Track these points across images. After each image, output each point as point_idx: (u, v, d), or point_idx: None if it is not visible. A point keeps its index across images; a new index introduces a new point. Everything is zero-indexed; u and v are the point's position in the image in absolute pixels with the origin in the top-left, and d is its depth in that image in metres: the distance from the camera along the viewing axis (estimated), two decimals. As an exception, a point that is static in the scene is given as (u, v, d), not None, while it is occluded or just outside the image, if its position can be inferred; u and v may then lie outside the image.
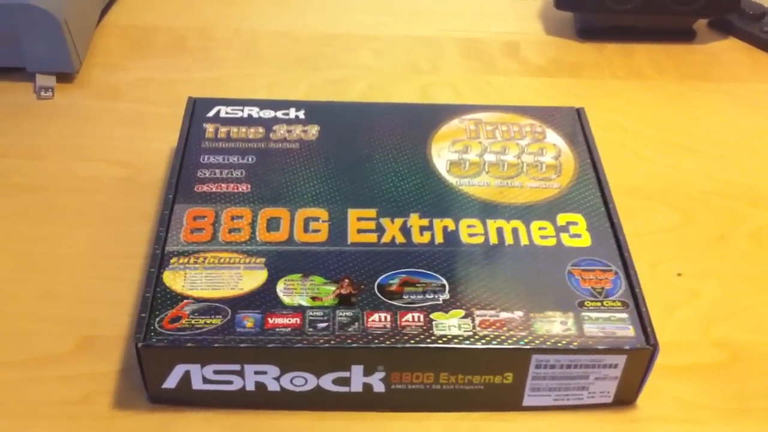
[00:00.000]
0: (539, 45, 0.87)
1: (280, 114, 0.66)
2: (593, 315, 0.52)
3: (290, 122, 0.66)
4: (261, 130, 0.65)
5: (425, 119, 0.67)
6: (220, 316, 0.51)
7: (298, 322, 0.51)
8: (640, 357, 0.51)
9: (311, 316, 0.51)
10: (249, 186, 0.60)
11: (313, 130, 0.65)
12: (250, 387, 0.51)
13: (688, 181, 0.72)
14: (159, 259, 0.54)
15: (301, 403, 0.52)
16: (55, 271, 0.60)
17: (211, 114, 0.66)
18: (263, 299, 0.52)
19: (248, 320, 0.51)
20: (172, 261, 0.54)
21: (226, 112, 0.66)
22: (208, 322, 0.51)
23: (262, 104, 0.67)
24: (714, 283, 0.63)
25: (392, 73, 0.82)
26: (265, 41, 0.85)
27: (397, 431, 0.52)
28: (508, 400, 0.53)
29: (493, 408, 0.53)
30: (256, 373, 0.51)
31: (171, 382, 0.51)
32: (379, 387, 0.52)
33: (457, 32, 0.88)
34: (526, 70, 0.83)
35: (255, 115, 0.66)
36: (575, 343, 0.50)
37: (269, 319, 0.51)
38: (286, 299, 0.52)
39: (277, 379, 0.51)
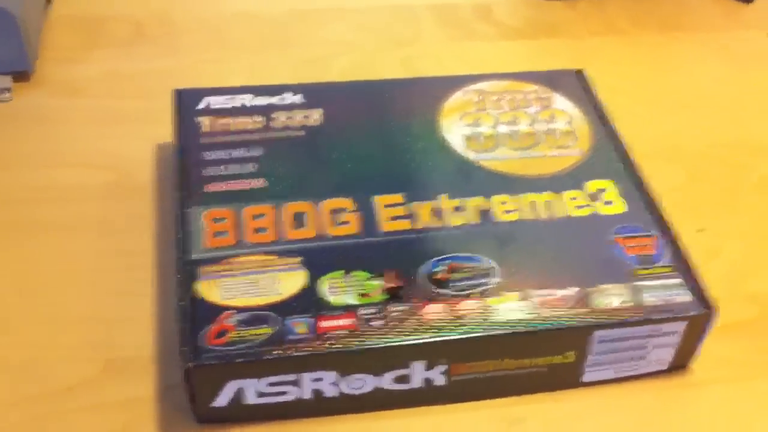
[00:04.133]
0: (511, 6, 0.85)
1: (275, 100, 0.62)
2: (648, 283, 0.51)
3: (289, 108, 0.61)
4: (260, 118, 0.60)
5: (427, 94, 0.64)
6: (268, 325, 0.47)
7: (352, 322, 0.48)
8: (699, 322, 0.51)
9: (364, 314, 0.48)
10: (264, 180, 0.56)
11: (316, 115, 0.61)
12: (307, 395, 0.48)
13: (687, 137, 0.72)
14: (187, 269, 0.50)
15: (359, 405, 0.49)
16: (59, 292, 0.55)
17: (201, 106, 0.61)
18: (309, 301, 0.49)
19: (299, 326, 0.47)
20: (202, 270, 0.50)
21: (218, 103, 0.61)
22: (257, 333, 0.47)
23: (255, 91, 0.63)
24: (733, 238, 0.63)
25: (372, 47, 0.78)
26: (230, 23, 0.79)
27: (458, 423, 0.50)
28: (568, 378, 0.52)
29: (553, 387, 0.52)
30: (314, 380, 0.47)
31: (222, 400, 0.47)
32: (440, 380, 0.49)
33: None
34: (504, 33, 0.81)
35: (249, 104, 0.62)
36: (638, 315, 0.50)
37: (321, 322, 0.48)
38: (334, 299, 0.49)
39: (336, 384, 0.48)
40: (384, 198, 0.55)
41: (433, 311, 0.49)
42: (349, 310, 0.48)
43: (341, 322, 0.48)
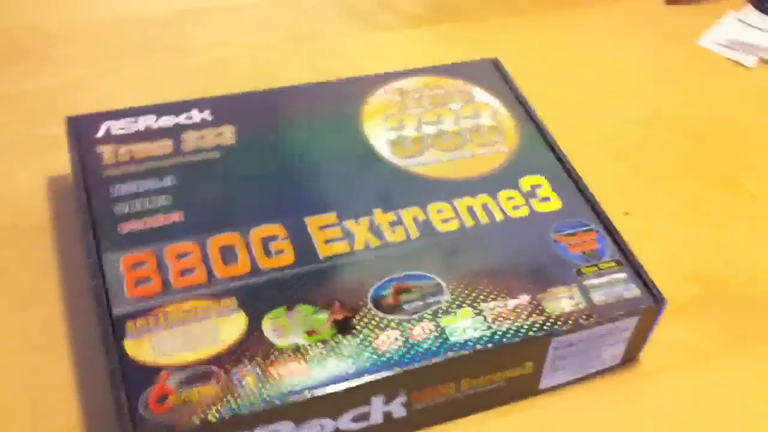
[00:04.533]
0: (407, -10, 0.82)
1: (182, 119, 0.57)
2: (595, 282, 0.50)
3: (198, 127, 0.57)
4: (168, 142, 0.55)
5: (345, 97, 0.60)
6: (213, 381, 0.43)
7: (303, 365, 0.45)
8: (650, 314, 0.50)
9: (311, 356, 0.45)
10: (181, 214, 0.51)
11: (228, 132, 0.57)
12: (266, 447, 0.45)
13: (602, 117, 0.71)
14: (111, 326, 0.45)
15: (318, 450, 0.46)
16: (-38, 363, 0.49)
17: (100, 133, 0.55)
18: (254, 348, 0.45)
19: (248, 377, 0.44)
20: (128, 326, 0.45)
21: (119, 128, 0.56)
22: (201, 391, 0.43)
23: (158, 110, 0.57)
24: (661, 218, 0.63)
25: (272, 46, 0.74)
26: (110, 30, 0.73)
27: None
28: (526, 388, 0.50)
29: (512, 399, 0.50)
30: (269, 433, 0.44)
31: (171, 469, 0.43)
32: (399, 412, 0.47)
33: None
34: (407, 21, 0.78)
35: (153, 126, 0.56)
36: (591, 317, 0.48)
37: (270, 370, 0.44)
38: (280, 342, 0.45)
39: (292, 433, 0.45)
40: (316, 219, 0.52)
41: (387, 340, 0.46)
42: (298, 351, 0.45)
43: (291, 367, 0.44)
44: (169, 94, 0.67)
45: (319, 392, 0.43)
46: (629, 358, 0.53)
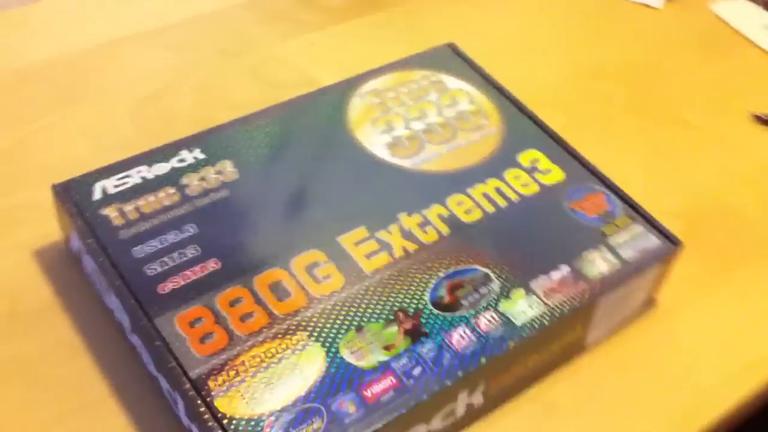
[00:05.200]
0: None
1: (176, 163, 0.55)
2: (619, 239, 0.53)
3: (195, 168, 0.55)
4: (171, 190, 0.54)
5: (324, 111, 0.60)
6: (318, 418, 0.44)
7: (394, 380, 0.45)
8: (670, 258, 0.54)
9: (400, 368, 0.46)
10: (216, 261, 0.50)
11: (228, 168, 0.55)
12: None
13: (552, 77, 0.74)
14: (194, 392, 0.44)
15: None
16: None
17: (97, 196, 0.53)
18: (342, 376, 0.45)
19: (347, 405, 0.44)
20: (210, 385, 0.44)
21: (114, 186, 0.53)
22: (314, 430, 0.43)
23: (146, 159, 0.55)
24: (630, 165, 0.67)
25: (208, 65, 0.72)
26: (35, 76, 0.69)
27: (498, 429, 0.50)
28: (575, 348, 0.53)
29: (564, 362, 0.53)
30: (378, 454, 0.45)
31: None
32: (479, 400, 0.49)
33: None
34: (331, 17, 0.78)
35: (149, 176, 0.54)
36: (627, 273, 0.52)
37: (365, 392, 0.45)
38: (363, 363, 0.46)
39: (397, 448, 0.46)
40: (349, 236, 0.52)
41: (460, 338, 0.48)
42: (383, 368, 0.46)
43: (384, 384, 0.45)
44: (113, 136, 0.64)
45: (416, 403, 0.44)
46: (650, 301, 0.57)
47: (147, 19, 0.76)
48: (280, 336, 0.47)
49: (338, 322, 0.48)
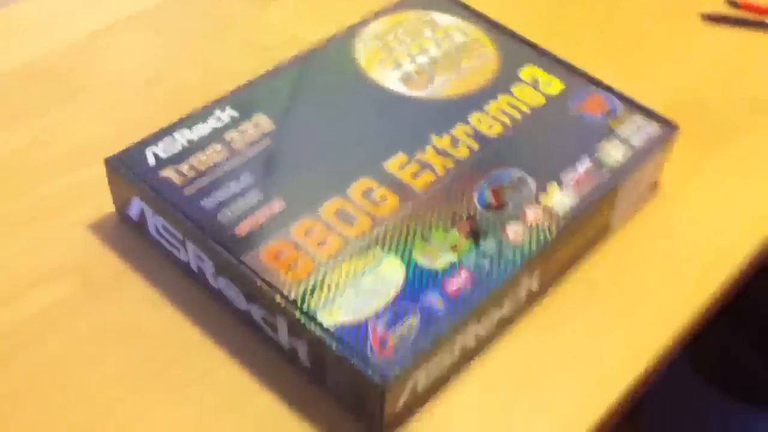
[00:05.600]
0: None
1: (213, 123, 0.59)
2: (626, 130, 0.60)
3: (234, 124, 0.59)
4: (218, 146, 0.57)
5: (333, 59, 0.64)
6: (412, 314, 0.49)
7: (468, 275, 0.51)
8: (672, 141, 0.61)
9: (471, 264, 0.51)
10: (281, 200, 0.54)
11: (263, 120, 0.59)
12: (471, 343, 0.51)
13: (522, 11, 0.80)
14: (298, 311, 0.49)
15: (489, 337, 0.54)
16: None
17: (151, 162, 0.56)
18: (422, 278, 0.50)
19: (435, 300, 0.49)
20: (310, 303, 0.49)
21: (163, 151, 0.57)
22: (409, 325, 0.48)
23: (185, 123, 0.59)
24: (605, 77, 0.74)
25: (198, 42, 0.75)
26: (32, 74, 0.71)
27: (551, 311, 0.56)
28: (603, 232, 0.60)
29: (595, 244, 0.60)
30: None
31: (405, 397, 0.48)
32: (535, 285, 0.55)
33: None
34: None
35: (194, 137, 0.58)
36: (641, 156, 0.58)
37: (447, 287, 0.50)
38: (438, 264, 0.51)
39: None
40: (392, 162, 0.57)
41: (515, 233, 0.53)
42: (457, 266, 0.51)
43: (461, 278, 0.51)
44: (142, 118, 0.67)
45: (491, 290, 0.50)
46: (655, 184, 0.64)
47: (127, 5, 0.79)
48: (356, 255, 0.52)
49: (404, 235, 0.53)
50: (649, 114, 0.61)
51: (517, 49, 0.66)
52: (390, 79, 0.63)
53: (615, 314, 0.57)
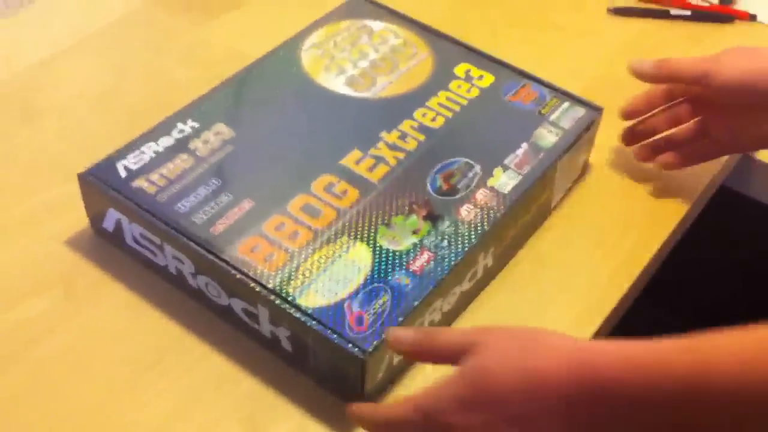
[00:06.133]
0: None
1: (176, 134, 0.62)
2: (555, 115, 0.66)
3: (196, 134, 0.62)
4: (184, 155, 0.61)
5: (282, 67, 0.69)
6: (383, 293, 0.53)
7: (430, 254, 0.56)
8: (596, 123, 0.67)
9: (431, 244, 0.56)
10: (250, 201, 0.58)
11: (223, 128, 0.63)
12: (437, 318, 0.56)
13: (437, 10, 0.86)
14: (277, 297, 0.53)
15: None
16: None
17: (123, 174, 0.59)
18: (387, 258, 0.55)
19: (402, 279, 0.54)
20: (288, 290, 0.53)
21: (133, 163, 0.60)
22: (381, 303, 0.53)
23: (150, 136, 0.62)
24: (523, 65, 0.80)
25: (141, 61, 0.79)
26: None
27: (505, 286, 0.62)
28: (545, 212, 0.66)
29: (539, 224, 0.66)
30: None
31: (382, 373, 0.53)
32: (490, 261, 0.60)
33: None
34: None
35: (160, 149, 0.61)
36: (571, 137, 0.64)
37: (411, 267, 0.55)
38: (402, 246, 0.56)
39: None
40: (348, 158, 0.62)
41: (467, 213, 0.59)
42: (419, 247, 0.56)
43: (423, 258, 0.55)
44: (99, 135, 0.70)
45: (452, 265, 0.55)
46: (586, 163, 0.70)
47: (73, 32, 0.82)
48: (326, 244, 0.56)
49: (368, 223, 0.57)
50: (575, 99, 0.68)
51: (448, 47, 0.72)
52: (337, 84, 0.68)
53: (562, 284, 0.63)
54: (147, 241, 0.58)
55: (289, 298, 0.53)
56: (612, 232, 0.67)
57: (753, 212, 0.80)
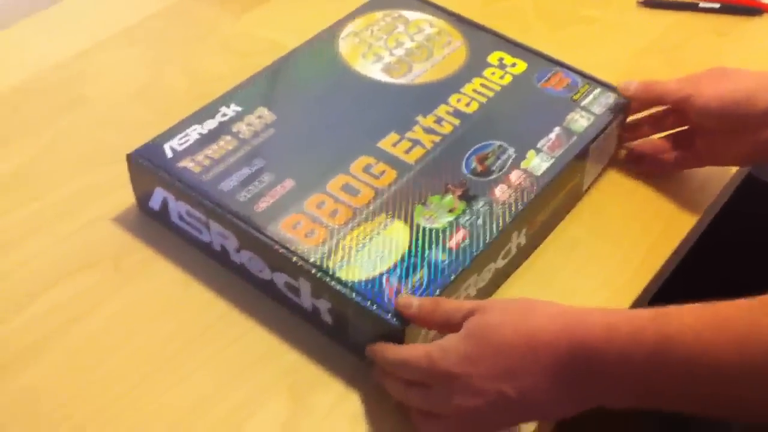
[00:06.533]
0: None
1: (221, 117, 0.65)
2: (587, 101, 0.68)
3: (239, 117, 0.65)
4: (228, 137, 0.63)
5: (320, 55, 0.71)
6: (420, 268, 0.55)
7: (465, 231, 0.58)
8: (628, 108, 0.69)
9: (466, 223, 0.58)
10: (291, 180, 0.60)
11: (265, 112, 0.65)
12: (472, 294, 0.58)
13: (470, 4, 0.87)
14: (321, 272, 0.55)
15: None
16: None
17: (170, 155, 0.62)
18: (425, 235, 0.57)
19: (439, 255, 0.56)
20: (331, 263, 0.55)
21: (179, 144, 0.62)
22: (419, 278, 0.55)
23: (195, 119, 0.65)
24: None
25: (182, 52, 0.81)
26: (26, 92, 0.76)
27: (537, 267, 0.64)
28: (577, 194, 0.67)
29: (571, 206, 0.67)
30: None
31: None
32: (523, 240, 0.62)
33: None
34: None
35: (204, 131, 0.63)
36: (601, 123, 0.66)
37: (449, 242, 0.57)
38: (438, 224, 0.58)
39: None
40: (386, 141, 0.64)
41: (501, 193, 0.60)
42: (455, 225, 0.58)
43: (459, 236, 0.57)
44: (143, 122, 0.72)
45: (487, 242, 0.57)
46: (617, 150, 0.72)
47: (109, 25, 0.84)
48: (365, 221, 0.58)
49: (405, 202, 0.59)
50: (606, 86, 0.69)
51: (481, 36, 0.74)
52: (373, 71, 0.70)
53: (592, 267, 0.64)
54: (192, 218, 0.60)
55: (330, 272, 0.55)
56: (641, 218, 0.68)
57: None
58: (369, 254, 0.56)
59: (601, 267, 0.64)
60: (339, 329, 0.57)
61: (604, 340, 0.47)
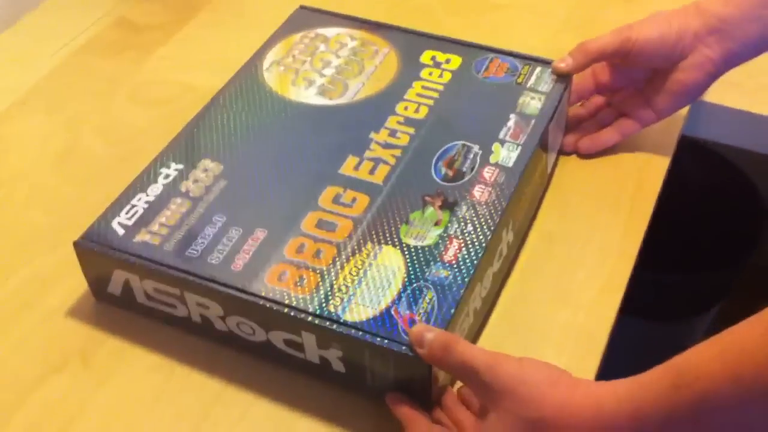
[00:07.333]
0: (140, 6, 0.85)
1: (164, 180, 0.59)
2: (532, 81, 0.66)
3: (183, 176, 0.59)
4: (178, 200, 0.58)
5: (249, 91, 0.66)
6: (427, 290, 0.52)
7: (459, 241, 0.54)
8: (571, 81, 0.67)
9: (455, 232, 0.55)
10: (263, 230, 0.55)
11: (209, 164, 0.60)
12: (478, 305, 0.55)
13: (375, 7, 0.85)
14: (321, 319, 0.50)
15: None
16: None
17: (121, 232, 0.56)
18: (418, 255, 0.54)
19: (441, 272, 0.53)
20: (331, 309, 0.51)
21: (127, 219, 0.56)
22: (428, 300, 0.51)
23: (138, 187, 0.59)
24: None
25: (88, 111, 0.75)
26: None
27: (528, 283, 0.62)
28: (544, 180, 0.65)
29: (541, 194, 0.65)
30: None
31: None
32: (511, 237, 0.59)
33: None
34: (163, 33, 0.83)
35: (152, 198, 0.58)
36: (552, 100, 0.64)
37: (446, 257, 0.53)
38: (429, 241, 0.54)
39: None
40: (346, 166, 0.60)
41: (480, 194, 0.58)
42: (445, 238, 0.55)
43: (454, 246, 0.54)
44: (66, 194, 0.67)
45: (484, 245, 0.54)
46: (565, 127, 0.70)
47: (10, 89, 0.78)
48: (352, 255, 0.54)
49: (387, 225, 0.56)
50: (544, 62, 0.68)
51: (406, 39, 0.71)
52: (308, 96, 0.66)
53: (576, 259, 0.62)
54: (163, 294, 0.55)
55: (334, 317, 0.51)
56: (608, 197, 0.67)
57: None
58: (368, 289, 0.52)
59: (584, 258, 0.62)
60: (354, 377, 0.53)
61: None
